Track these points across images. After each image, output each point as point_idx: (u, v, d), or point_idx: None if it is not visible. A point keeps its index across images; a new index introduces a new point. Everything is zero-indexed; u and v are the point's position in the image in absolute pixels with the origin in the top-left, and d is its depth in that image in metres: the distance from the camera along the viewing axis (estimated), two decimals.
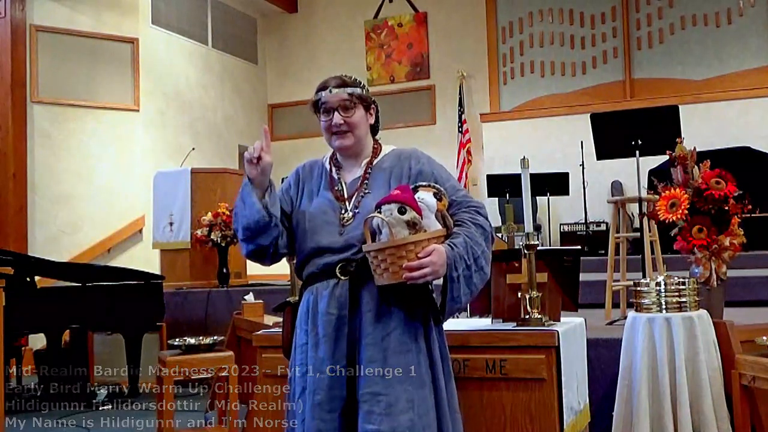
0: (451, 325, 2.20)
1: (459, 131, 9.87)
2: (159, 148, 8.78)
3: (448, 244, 1.94)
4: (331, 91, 2.09)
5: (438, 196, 2.00)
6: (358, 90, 2.11)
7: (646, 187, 4.19)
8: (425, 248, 1.89)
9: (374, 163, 2.15)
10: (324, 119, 2.12)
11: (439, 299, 2.00)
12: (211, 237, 6.32)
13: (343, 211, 2.07)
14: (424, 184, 2.03)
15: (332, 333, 1.99)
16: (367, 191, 2.08)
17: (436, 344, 2.05)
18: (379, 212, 1.92)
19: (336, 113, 2.09)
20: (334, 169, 2.17)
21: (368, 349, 1.96)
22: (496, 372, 2.36)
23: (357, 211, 2.05)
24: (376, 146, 2.19)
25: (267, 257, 2.12)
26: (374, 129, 2.21)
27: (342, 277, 2.01)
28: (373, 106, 2.17)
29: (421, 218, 1.93)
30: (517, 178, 2.84)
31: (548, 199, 7.79)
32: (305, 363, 2.05)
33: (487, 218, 2.09)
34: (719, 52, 8.81)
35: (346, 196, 2.10)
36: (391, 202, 1.91)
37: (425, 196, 1.98)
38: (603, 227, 8.15)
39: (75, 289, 5.60)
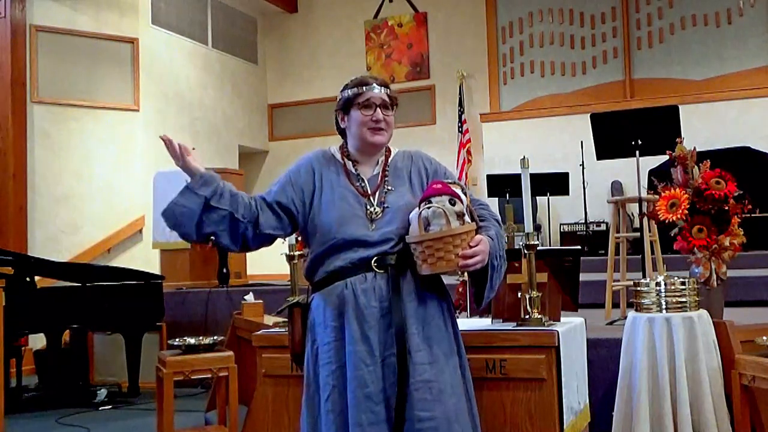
0: None
1: (459, 131, 9.87)
2: (159, 148, 8.72)
3: (488, 235, 2.08)
4: (376, 89, 2.17)
5: (464, 192, 2.10)
6: (393, 93, 2.23)
7: (646, 187, 4.18)
8: (474, 237, 2.01)
9: (388, 162, 2.22)
10: (366, 114, 2.15)
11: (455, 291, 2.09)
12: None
13: (369, 206, 2.12)
14: (450, 181, 2.11)
15: (376, 325, 2.03)
16: (390, 188, 2.16)
17: (458, 333, 2.17)
18: (428, 205, 2.00)
19: (379, 109, 2.16)
20: (350, 164, 2.20)
21: (414, 338, 2.03)
22: (496, 372, 2.36)
23: (386, 206, 2.11)
24: (388, 145, 2.27)
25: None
26: None
27: (379, 271, 2.06)
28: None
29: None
30: (517, 178, 2.84)
31: (548, 199, 7.79)
32: (334, 361, 2.05)
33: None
34: (719, 52, 8.81)
35: (369, 191, 2.15)
36: (441, 194, 2.01)
37: (457, 192, 2.07)
38: (603, 227, 8.15)
39: (75, 289, 5.60)
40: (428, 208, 1.99)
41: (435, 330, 2.07)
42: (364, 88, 2.17)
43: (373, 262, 2.06)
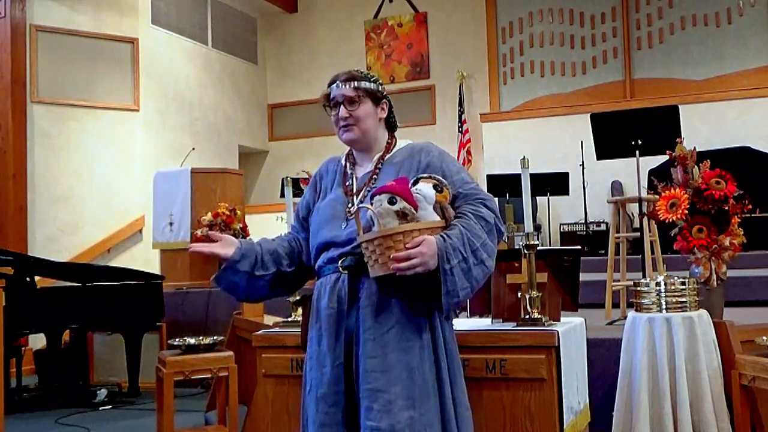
0: None
1: (459, 131, 9.88)
2: (159, 148, 8.78)
3: (441, 235, 1.88)
4: (338, 86, 2.11)
5: (438, 187, 1.96)
6: (365, 84, 2.11)
7: (646, 187, 4.18)
8: (414, 239, 1.84)
9: (386, 157, 2.15)
10: (333, 114, 2.13)
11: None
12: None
13: (349, 206, 2.08)
14: (424, 176, 2.00)
15: (332, 327, 2.00)
16: (374, 186, 2.06)
17: (441, 339, 2.00)
18: (367, 204, 1.92)
19: (342, 107, 2.10)
20: (348, 165, 2.19)
21: (368, 344, 1.95)
22: (496, 372, 2.35)
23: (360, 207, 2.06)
24: (390, 141, 2.19)
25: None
26: (390, 124, 2.21)
27: (343, 271, 2.02)
28: (384, 100, 2.16)
29: (416, 210, 1.89)
30: (517, 178, 2.84)
31: (548, 199, 7.79)
32: (312, 357, 2.07)
33: (493, 211, 2.02)
34: (719, 52, 8.81)
35: (355, 191, 2.11)
36: (382, 192, 1.90)
37: (423, 188, 1.94)
38: (603, 227, 8.15)
39: (75, 289, 5.60)
40: (366, 209, 1.90)
41: (396, 338, 1.93)
42: (328, 88, 2.14)
43: (339, 262, 2.02)
